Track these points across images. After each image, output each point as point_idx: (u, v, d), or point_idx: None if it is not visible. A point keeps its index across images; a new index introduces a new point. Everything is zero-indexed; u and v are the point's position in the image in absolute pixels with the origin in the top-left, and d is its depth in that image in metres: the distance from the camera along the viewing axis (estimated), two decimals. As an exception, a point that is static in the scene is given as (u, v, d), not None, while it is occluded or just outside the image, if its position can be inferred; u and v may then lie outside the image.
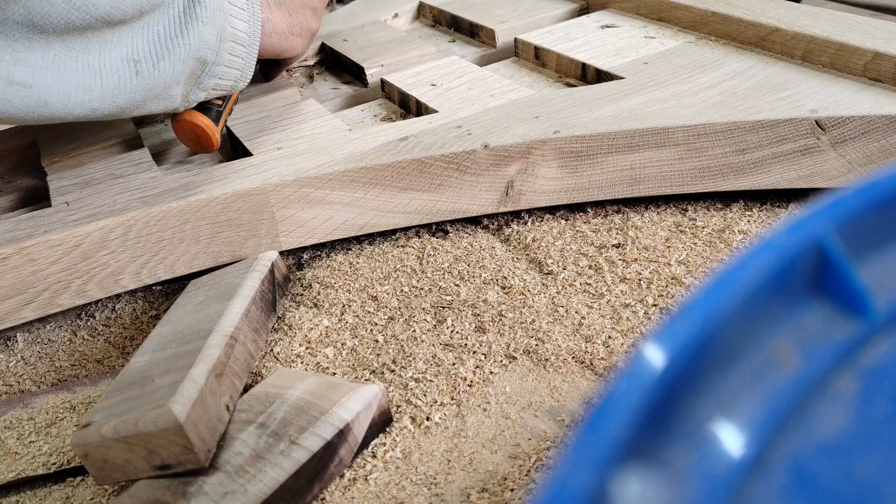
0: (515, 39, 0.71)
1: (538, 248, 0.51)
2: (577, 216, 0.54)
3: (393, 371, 0.43)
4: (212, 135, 0.54)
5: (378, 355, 0.44)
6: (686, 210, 0.53)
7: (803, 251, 0.20)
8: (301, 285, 0.51)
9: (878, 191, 0.21)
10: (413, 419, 0.40)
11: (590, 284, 0.47)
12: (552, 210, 0.55)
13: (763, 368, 0.20)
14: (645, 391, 0.17)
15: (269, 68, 0.67)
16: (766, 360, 0.20)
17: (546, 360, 0.42)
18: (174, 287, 0.54)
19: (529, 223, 0.54)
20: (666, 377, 0.17)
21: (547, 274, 0.49)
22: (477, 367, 0.42)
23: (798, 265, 0.20)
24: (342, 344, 0.46)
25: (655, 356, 0.18)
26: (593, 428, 0.16)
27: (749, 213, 0.52)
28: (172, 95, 0.50)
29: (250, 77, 0.55)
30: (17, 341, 0.51)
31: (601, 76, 0.62)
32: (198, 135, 0.54)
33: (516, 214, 0.55)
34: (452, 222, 0.56)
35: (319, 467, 0.36)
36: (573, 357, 0.42)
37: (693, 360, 0.18)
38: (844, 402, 0.19)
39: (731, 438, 0.18)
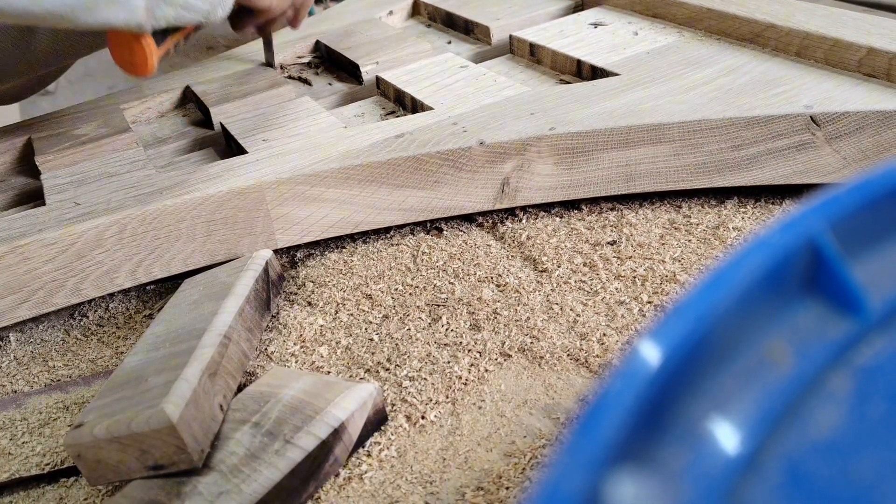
0: (511, 36, 0.71)
1: (533, 245, 0.51)
2: (572, 213, 0.54)
3: (388, 370, 0.43)
4: (149, 56, 0.48)
5: (373, 354, 0.44)
6: (680, 207, 0.53)
7: (797, 250, 0.20)
8: (295, 284, 0.51)
9: (871, 189, 0.21)
10: (408, 418, 0.40)
11: (584, 282, 0.47)
12: (547, 207, 0.55)
13: (757, 367, 0.20)
14: (638, 392, 0.17)
15: (239, 17, 0.60)
16: (761, 359, 0.20)
17: (541, 357, 0.42)
18: (168, 286, 0.54)
19: (524, 221, 0.54)
20: (660, 377, 0.17)
21: (542, 271, 0.49)
22: (472, 365, 0.42)
23: (792, 264, 0.20)
24: (336, 343, 0.45)
25: (649, 356, 0.18)
26: (586, 429, 0.16)
27: (743, 209, 0.52)
28: (133, 4, 0.45)
29: (224, 13, 0.50)
30: (9, 341, 0.50)
31: (596, 73, 0.61)
32: (133, 50, 0.48)
33: (511, 212, 0.55)
34: (447, 220, 0.56)
35: (314, 466, 0.36)
36: (568, 354, 0.42)
37: (687, 359, 0.18)
38: (839, 401, 0.19)
39: (725, 438, 0.18)
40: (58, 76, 0.68)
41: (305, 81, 0.72)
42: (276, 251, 0.52)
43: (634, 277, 0.47)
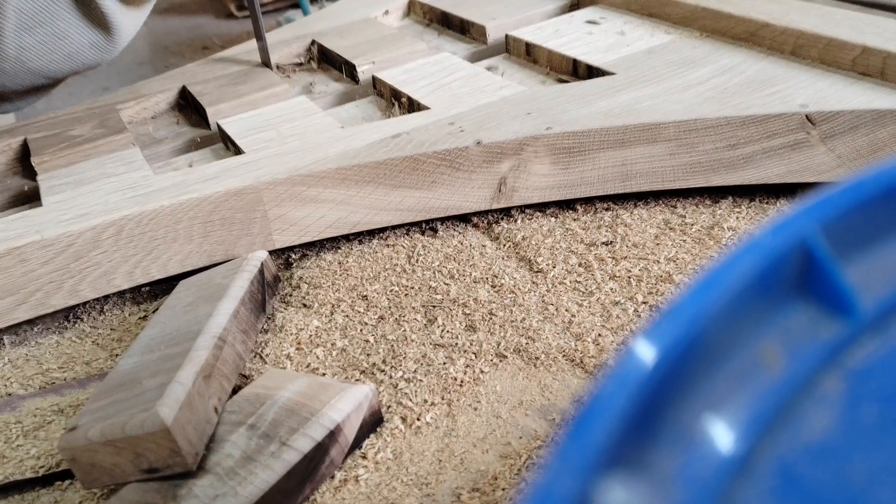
0: (506, 36, 0.71)
1: (528, 246, 0.51)
2: (567, 214, 0.54)
3: (383, 371, 0.43)
4: None
5: (368, 355, 0.44)
6: (675, 207, 0.53)
7: (789, 252, 0.20)
8: (290, 285, 0.51)
9: (863, 190, 0.21)
10: (404, 419, 0.40)
11: (580, 282, 0.47)
12: (542, 208, 0.55)
13: (749, 370, 0.20)
14: (630, 395, 0.17)
15: None
16: (753, 361, 0.20)
17: (536, 358, 0.42)
18: (163, 288, 0.54)
19: (519, 221, 0.54)
20: (652, 380, 0.17)
21: (537, 272, 0.49)
22: (467, 366, 0.42)
23: (783, 266, 0.20)
24: (332, 344, 0.45)
25: (641, 359, 0.18)
26: (577, 434, 0.16)
27: (738, 209, 0.52)
28: None
29: None
30: (3, 344, 0.50)
31: (592, 72, 0.61)
32: None
33: (506, 212, 0.55)
34: (442, 221, 0.56)
35: (310, 468, 0.36)
36: (563, 355, 0.42)
37: (679, 362, 0.18)
38: (831, 403, 0.19)
39: (717, 441, 0.18)
40: (29, 98, 0.70)
41: (310, 86, 0.72)
42: (270, 252, 0.52)
43: (629, 278, 0.47)
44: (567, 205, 0.55)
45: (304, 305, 0.49)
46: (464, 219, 0.56)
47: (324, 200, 0.52)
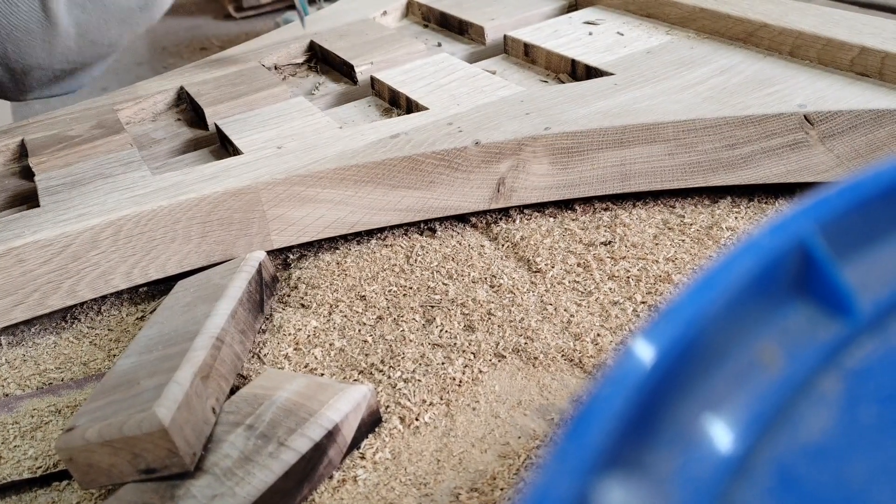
0: (505, 36, 0.71)
1: (527, 246, 0.51)
2: (566, 214, 0.54)
3: (382, 371, 0.43)
4: None
5: (367, 355, 0.44)
6: (674, 207, 0.53)
7: (787, 252, 0.20)
8: (288, 286, 0.51)
9: (861, 190, 0.21)
10: (402, 419, 0.40)
11: (578, 282, 0.47)
12: (541, 208, 0.55)
13: (748, 370, 0.20)
14: (628, 396, 0.17)
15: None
16: (751, 361, 0.20)
17: (535, 358, 0.42)
18: (160, 288, 0.54)
19: (518, 221, 0.54)
20: (650, 380, 0.17)
21: (535, 272, 0.49)
22: (466, 366, 0.42)
23: (782, 266, 0.20)
24: (330, 344, 0.45)
25: (639, 359, 0.17)
26: (575, 435, 0.16)
27: (737, 209, 0.52)
28: None
29: None
30: (1, 345, 0.50)
31: (591, 72, 0.61)
32: None
33: (505, 212, 0.55)
34: (441, 221, 0.56)
35: (308, 469, 0.36)
36: (562, 355, 0.42)
37: (677, 362, 0.18)
38: (829, 404, 0.19)
39: (715, 441, 0.18)
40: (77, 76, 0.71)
41: (315, 88, 0.72)
42: (269, 252, 0.52)
43: (628, 277, 0.47)
44: (566, 205, 0.55)
45: (303, 306, 0.49)
46: (462, 219, 0.56)
47: (322, 200, 0.52)
